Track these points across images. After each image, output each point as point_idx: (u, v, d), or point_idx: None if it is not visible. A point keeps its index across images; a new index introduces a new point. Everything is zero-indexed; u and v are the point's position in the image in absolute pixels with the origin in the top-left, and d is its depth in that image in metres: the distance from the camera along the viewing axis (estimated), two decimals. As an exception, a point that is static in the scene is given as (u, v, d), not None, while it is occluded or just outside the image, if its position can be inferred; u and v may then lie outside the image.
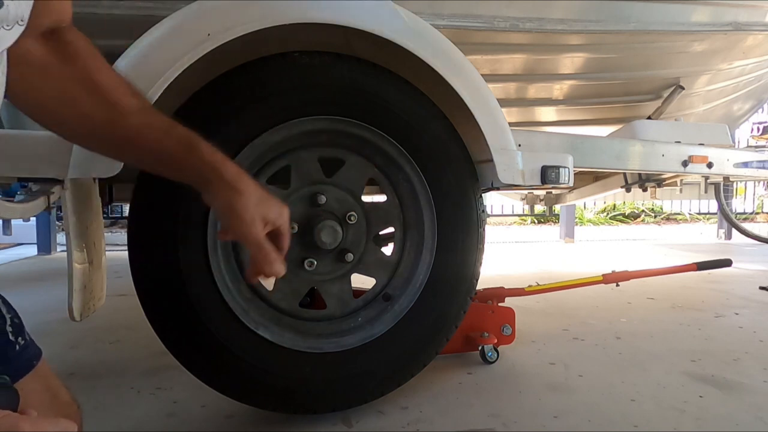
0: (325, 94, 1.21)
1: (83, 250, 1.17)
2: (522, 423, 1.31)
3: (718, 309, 2.46)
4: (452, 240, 1.32)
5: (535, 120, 2.34)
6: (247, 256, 1.25)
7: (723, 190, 4.38)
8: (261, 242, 0.78)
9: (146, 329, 1.19)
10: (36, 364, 0.75)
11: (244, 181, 0.78)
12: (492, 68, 1.88)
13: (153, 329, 1.18)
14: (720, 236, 5.70)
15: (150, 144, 0.75)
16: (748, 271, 3.49)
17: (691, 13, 1.82)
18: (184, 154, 0.76)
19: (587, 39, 1.79)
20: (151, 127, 0.75)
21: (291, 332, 1.27)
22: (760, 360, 1.76)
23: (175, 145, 0.75)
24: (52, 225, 4.54)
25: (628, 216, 7.78)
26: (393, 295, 1.34)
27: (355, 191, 1.30)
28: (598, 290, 2.20)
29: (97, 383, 1.56)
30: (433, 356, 1.36)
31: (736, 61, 2.13)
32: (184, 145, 0.76)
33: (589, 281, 1.99)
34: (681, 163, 1.75)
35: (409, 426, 1.29)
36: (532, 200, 3.32)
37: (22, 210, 1.11)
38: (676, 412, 1.37)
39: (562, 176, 1.37)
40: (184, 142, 0.76)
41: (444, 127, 1.30)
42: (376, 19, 1.18)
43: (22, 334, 0.74)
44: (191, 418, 1.35)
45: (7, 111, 1.19)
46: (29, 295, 2.82)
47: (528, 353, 1.81)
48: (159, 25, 1.10)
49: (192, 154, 0.76)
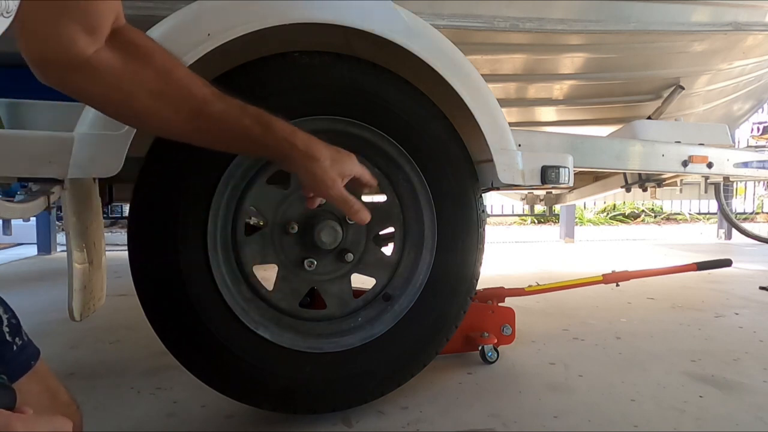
0: (325, 94, 1.21)
1: (83, 250, 1.17)
2: (522, 423, 1.31)
3: (718, 309, 2.46)
4: (452, 240, 1.32)
5: (535, 120, 2.34)
6: (247, 256, 1.25)
7: (723, 190, 4.39)
8: (345, 197, 0.90)
9: (146, 329, 1.19)
10: (34, 365, 0.75)
11: (317, 147, 0.87)
12: (492, 68, 1.88)
13: (153, 329, 1.18)
14: (720, 236, 5.70)
15: (231, 126, 0.82)
16: (748, 271, 3.49)
17: (691, 13, 1.82)
18: (261, 131, 0.83)
19: (587, 39, 1.79)
20: (229, 110, 0.81)
21: (291, 332, 1.27)
22: (760, 360, 1.76)
23: (252, 124, 0.82)
24: (52, 225, 4.55)
25: (628, 216, 7.79)
26: (393, 295, 1.34)
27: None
28: (598, 290, 2.20)
29: (97, 383, 1.56)
30: (433, 356, 1.36)
31: (736, 61, 2.13)
32: (260, 124, 0.83)
33: (589, 281, 1.99)
34: (681, 163, 1.75)
35: (409, 426, 1.29)
36: (532, 200, 3.32)
37: (22, 210, 1.11)
38: (676, 412, 1.37)
39: (562, 176, 1.37)
40: (260, 121, 0.83)
41: (444, 127, 1.30)
42: (377, 19, 1.18)
43: (19, 334, 0.74)
44: (191, 418, 1.35)
45: (7, 111, 1.19)
46: (29, 295, 2.82)
47: (528, 353, 1.81)
48: (159, 25, 1.10)
49: (268, 131, 0.83)
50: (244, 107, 0.82)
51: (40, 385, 0.75)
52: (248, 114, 0.82)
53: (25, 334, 0.76)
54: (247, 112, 0.82)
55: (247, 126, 0.82)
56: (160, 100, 0.76)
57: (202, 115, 0.79)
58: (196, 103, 0.78)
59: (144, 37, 0.77)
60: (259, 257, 1.25)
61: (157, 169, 1.14)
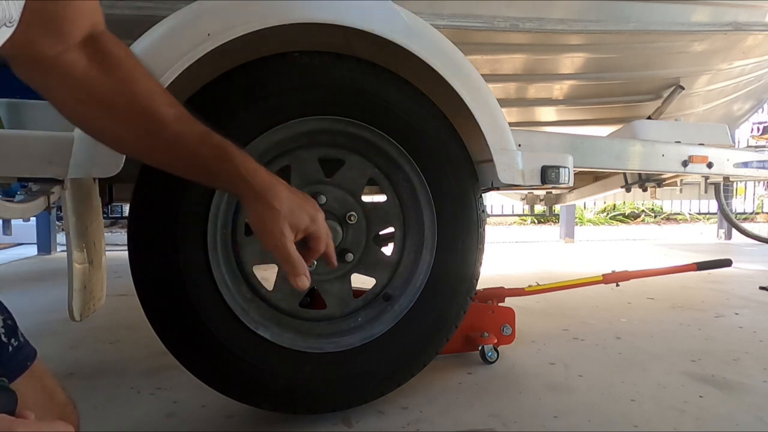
0: (325, 94, 1.21)
1: (83, 250, 1.17)
2: (522, 423, 1.31)
3: (718, 309, 2.46)
4: (452, 240, 1.32)
5: (535, 120, 2.34)
6: (247, 256, 1.25)
7: (723, 190, 4.39)
8: (288, 255, 0.79)
9: (146, 329, 1.19)
10: (30, 365, 0.74)
11: (275, 193, 0.79)
12: (492, 68, 1.88)
13: (153, 329, 1.18)
14: (720, 236, 5.70)
15: (186, 152, 0.77)
16: (748, 271, 3.49)
17: (691, 13, 1.82)
18: (217, 163, 0.77)
19: (587, 39, 1.79)
20: (187, 136, 0.76)
21: (291, 332, 1.27)
22: (760, 360, 1.76)
23: (209, 154, 0.76)
24: (52, 225, 4.55)
25: (628, 216, 7.79)
26: (393, 295, 1.34)
27: (355, 191, 1.29)
28: (598, 290, 2.20)
29: (97, 383, 1.56)
30: (433, 356, 1.36)
31: (736, 61, 2.13)
32: (218, 155, 0.77)
33: (589, 281, 1.99)
34: (681, 163, 1.75)
35: (409, 426, 1.29)
36: (532, 200, 3.32)
37: (22, 210, 1.11)
38: (676, 412, 1.37)
39: (562, 176, 1.37)
40: (218, 152, 0.77)
41: (444, 127, 1.30)
42: (377, 19, 1.18)
43: (15, 335, 0.74)
44: (191, 418, 1.35)
45: (7, 111, 1.19)
46: (29, 295, 2.82)
47: (528, 353, 1.81)
48: (159, 25, 1.10)
49: (225, 164, 0.77)
50: (206, 135, 0.76)
51: (36, 385, 0.74)
52: (208, 143, 0.76)
53: (21, 334, 0.75)
54: (207, 141, 0.76)
55: (203, 155, 0.76)
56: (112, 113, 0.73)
57: (155, 136, 0.75)
58: (152, 123, 0.74)
59: (118, 47, 0.73)
60: (259, 257, 1.25)
61: (157, 169, 1.14)
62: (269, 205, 0.78)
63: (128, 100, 0.73)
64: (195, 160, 0.77)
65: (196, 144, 0.76)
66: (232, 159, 0.77)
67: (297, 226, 0.80)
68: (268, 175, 0.80)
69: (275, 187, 0.79)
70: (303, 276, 0.81)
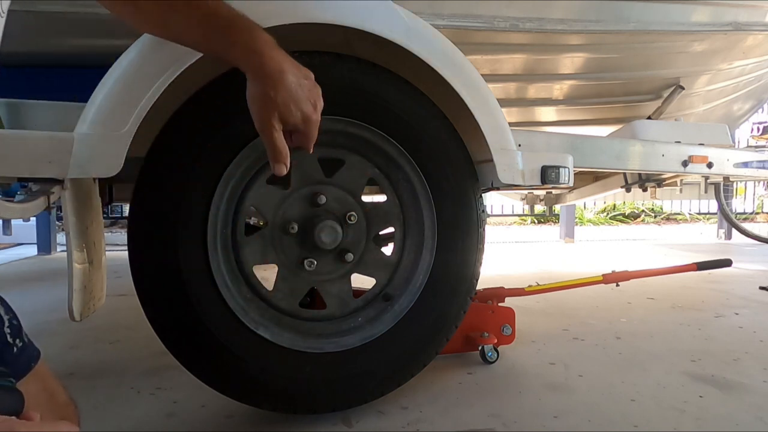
0: (325, 94, 1.20)
1: (83, 250, 1.17)
2: (522, 423, 1.31)
3: (718, 309, 2.46)
4: (452, 240, 1.32)
5: (535, 120, 2.35)
6: (247, 256, 1.25)
7: (723, 190, 4.39)
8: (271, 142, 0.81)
9: (146, 329, 1.19)
10: (34, 366, 0.75)
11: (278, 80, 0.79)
12: (492, 68, 1.88)
13: (153, 329, 1.18)
14: (720, 236, 5.70)
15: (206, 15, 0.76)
16: (748, 271, 3.49)
17: (691, 13, 1.82)
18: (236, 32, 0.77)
19: (587, 39, 1.79)
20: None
21: (291, 332, 1.27)
22: (760, 360, 1.76)
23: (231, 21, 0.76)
24: (52, 225, 4.55)
25: (628, 216, 7.79)
26: (393, 295, 1.34)
27: (355, 191, 1.30)
28: (598, 290, 2.20)
29: (97, 383, 1.56)
30: (433, 356, 1.36)
31: (736, 61, 2.13)
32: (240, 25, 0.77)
33: (589, 281, 1.99)
34: (681, 163, 1.75)
35: (409, 426, 1.29)
36: (532, 200, 3.33)
37: (22, 210, 1.11)
38: (676, 412, 1.37)
39: (562, 176, 1.37)
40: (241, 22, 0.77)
41: (444, 127, 1.30)
42: (377, 19, 1.18)
43: (20, 336, 0.74)
44: (191, 418, 1.35)
45: (7, 111, 1.19)
46: (29, 295, 2.82)
47: (528, 353, 1.81)
48: (159, 25, 1.10)
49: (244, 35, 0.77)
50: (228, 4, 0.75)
51: (39, 385, 0.75)
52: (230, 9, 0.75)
53: (25, 335, 0.76)
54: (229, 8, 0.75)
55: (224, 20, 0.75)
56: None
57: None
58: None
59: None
60: (259, 257, 1.25)
61: (157, 169, 1.14)
62: (267, 91, 0.78)
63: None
64: (213, 25, 0.76)
65: (220, 8, 0.75)
66: (252, 31, 0.77)
67: (286, 119, 0.81)
68: (283, 58, 0.80)
69: (282, 75, 0.79)
70: (282, 164, 0.82)
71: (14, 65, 1.59)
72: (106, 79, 1.07)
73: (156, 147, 1.14)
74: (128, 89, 1.05)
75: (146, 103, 1.05)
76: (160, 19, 0.78)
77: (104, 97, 1.06)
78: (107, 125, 1.04)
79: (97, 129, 1.05)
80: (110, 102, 1.05)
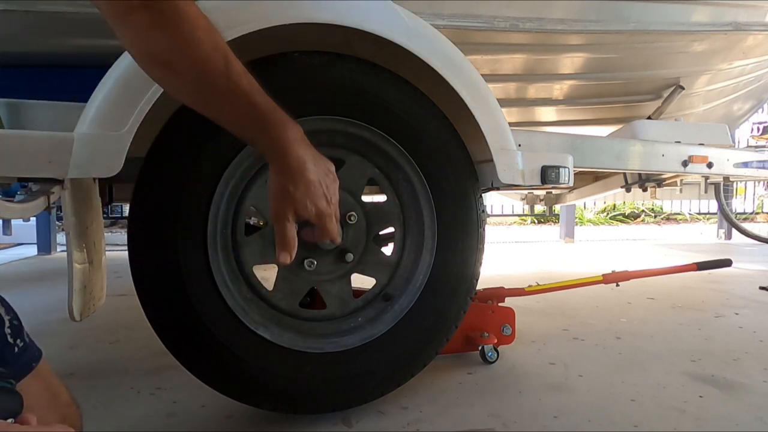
0: (325, 94, 1.21)
1: (83, 250, 1.17)
2: (522, 423, 1.31)
3: (718, 309, 2.46)
4: (452, 240, 1.32)
5: (535, 120, 2.35)
6: (247, 256, 1.25)
7: (723, 190, 4.39)
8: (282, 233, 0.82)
9: (146, 329, 1.19)
10: (35, 366, 0.75)
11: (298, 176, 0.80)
12: (492, 68, 1.88)
13: (153, 329, 1.18)
14: (720, 236, 5.70)
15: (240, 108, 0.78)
16: (748, 271, 3.49)
17: (691, 13, 1.82)
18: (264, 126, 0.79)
19: (587, 39, 1.79)
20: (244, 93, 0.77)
21: (291, 332, 1.27)
22: (760, 360, 1.76)
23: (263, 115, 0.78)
24: (52, 225, 4.55)
25: (628, 216, 7.79)
26: (393, 295, 1.34)
27: (355, 191, 1.29)
28: (598, 290, 2.20)
29: (97, 383, 1.56)
30: (433, 356, 1.36)
31: (736, 61, 2.13)
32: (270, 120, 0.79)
33: (589, 281, 1.99)
34: (681, 163, 1.75)
35: (409, 426, 1.29)
36: (532, 200, 3.33)
37: (22, 210, 1.11)
38: (676, 412, 1.37)
39: (562, 176, 1.37)
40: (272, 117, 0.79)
41: (444, 127, 1.30)
42: (377, 19, 1.18)
43: (21, 336, 0.74)
44: (191, 418, 1.35)
45: (7, 111, 1.19)
46: (29, 295, 2.82)
47: (528, 353, 1.81)
48: (159, 25, 1.10)
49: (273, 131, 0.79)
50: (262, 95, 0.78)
51: (40, 385, 0.75)
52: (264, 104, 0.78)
53: (26, 335, 0.76)
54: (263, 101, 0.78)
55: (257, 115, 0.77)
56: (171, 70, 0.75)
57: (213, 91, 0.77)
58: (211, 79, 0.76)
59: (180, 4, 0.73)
60: (259, 257, 1.25)
61: (157, 169, 1.14)
62: (287, 185, 0.80)
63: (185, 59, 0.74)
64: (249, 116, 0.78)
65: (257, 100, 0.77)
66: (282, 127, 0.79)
67: (300, 214, 0.82)
68: (307, 154, 0.81)
69: (303, 173, 0.81)
70: (287, 254, 0.83)
71: (14, 65, 1.59)
72: (106, 79, 1.07)
73: (156, 147, 1.14)
74: (128, 89, 1.06)
75: (146, 103, 1.06)
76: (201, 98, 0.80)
77: (104, 97, 1.06)
78: (107, 125, 1.05)
79: (97, 129, 1.05)
80: (110, 102, 1.05)
